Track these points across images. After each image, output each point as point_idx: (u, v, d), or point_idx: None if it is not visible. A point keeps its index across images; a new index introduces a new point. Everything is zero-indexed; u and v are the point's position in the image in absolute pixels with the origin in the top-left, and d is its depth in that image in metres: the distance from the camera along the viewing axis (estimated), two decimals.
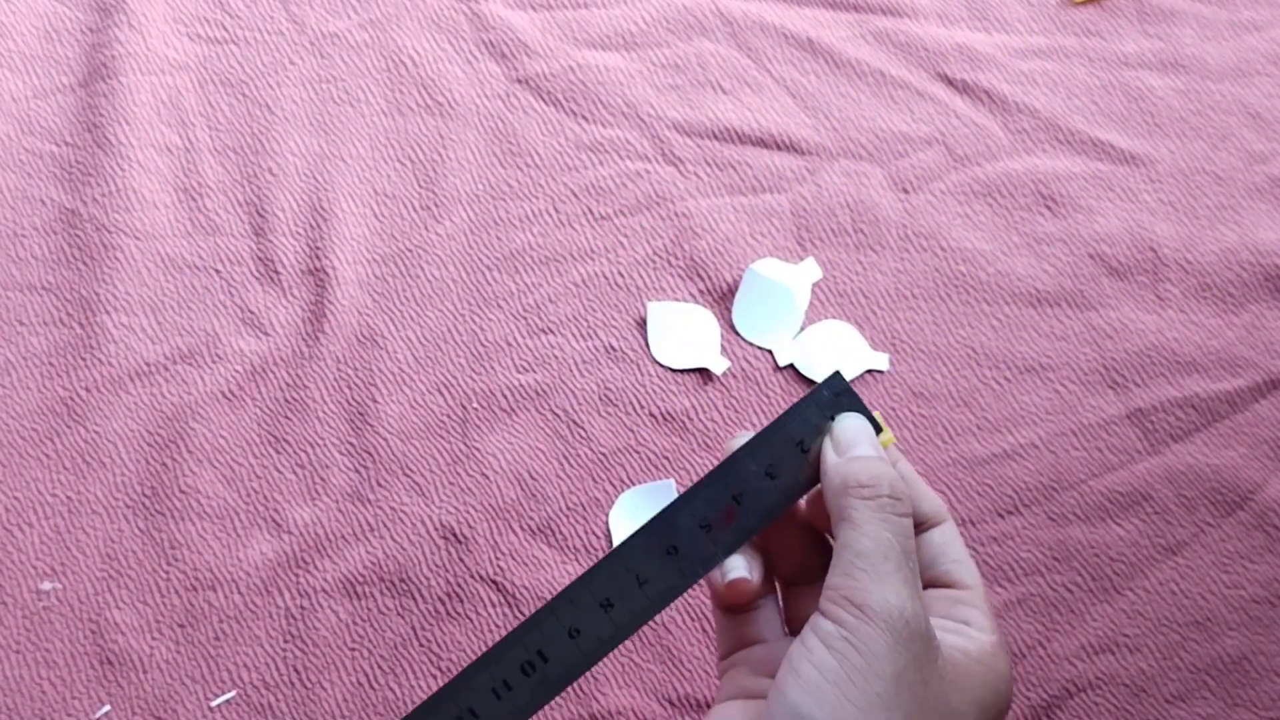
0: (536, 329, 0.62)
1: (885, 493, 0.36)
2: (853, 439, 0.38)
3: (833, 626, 0.34)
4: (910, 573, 0.35)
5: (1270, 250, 0.65)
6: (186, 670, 0.54)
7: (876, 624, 0.33)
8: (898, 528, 0.35)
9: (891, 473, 0.37)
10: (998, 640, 0.37)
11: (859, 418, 0.39)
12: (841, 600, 0.34)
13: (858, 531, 0.35)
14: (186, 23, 0.71)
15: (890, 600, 0.34)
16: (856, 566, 0.34)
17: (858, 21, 0.72)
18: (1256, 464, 0.59)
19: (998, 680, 0.36)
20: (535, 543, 0.57)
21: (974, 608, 0.38)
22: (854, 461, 0.37)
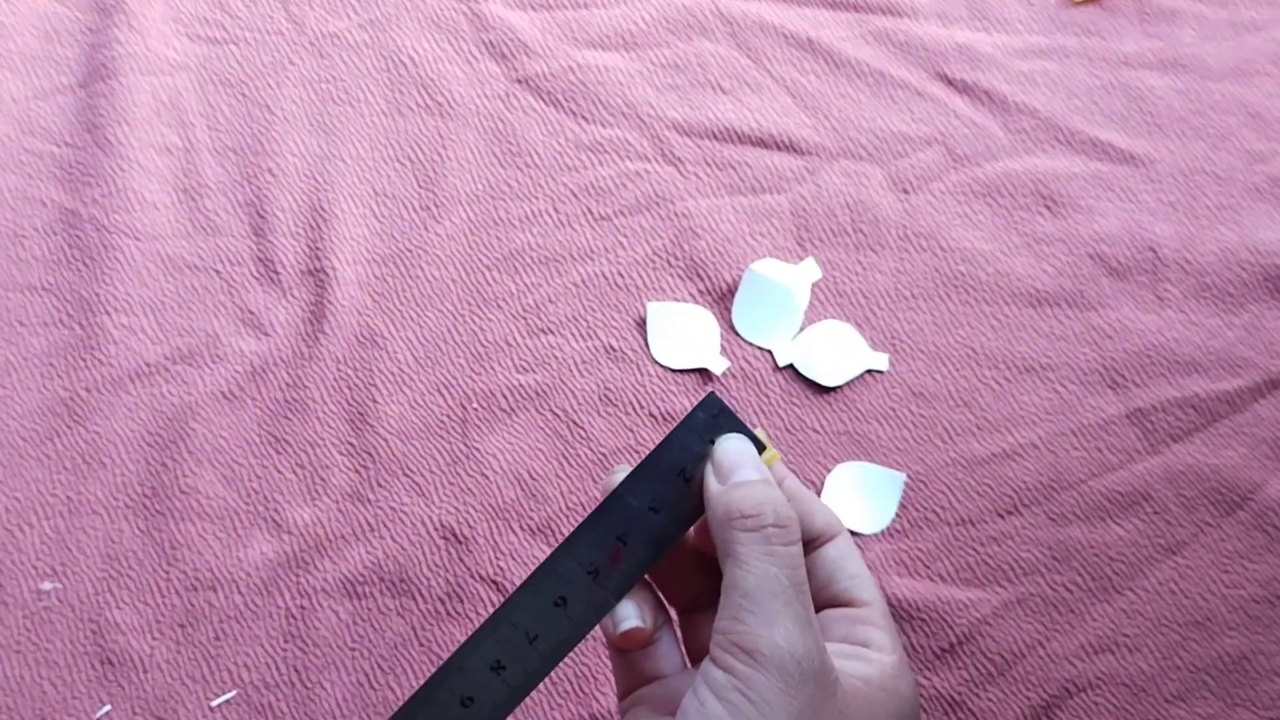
0: (536, 329, 0.62)
1: (769, 522, 0.34)
2: (734, 462, 0.36)
3: (723, 676, 0.33)
4: (801, 606, 0.33)
5: (1270, 250, 0.65)
6: (187, 670, 0.54)
7: (768, 670, 0.32)
8: (785, 559, 0.34)
9: (776, 496, 0.35)
10: (898, 659, 0.36)
11: (739, 439, 0.37)
12: (730, 646, 0.33)
13: (743, 569, 0.34)
14: (186, 23, 0.71)
15: (780, 643, 0.32)
16: (744, 608, 0.33)
17: (857, 21, 0.72)
18: (1256, 464, 0.59)
19: (901, 703, 0.35)
20: (535, 543, 0.57)
21: (873, 626, 0.37)
22: (736, 490, 0.35)
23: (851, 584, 0.38)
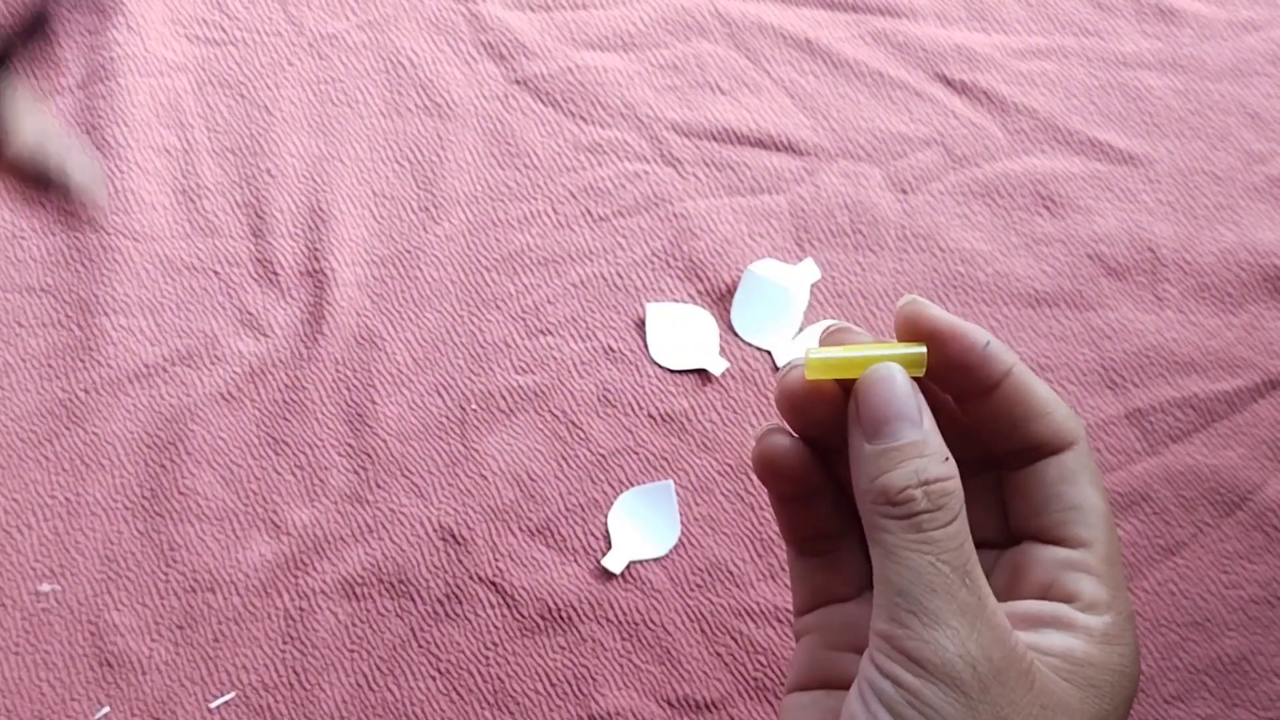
0: (535, 330, 0.62)
1: (921, 508, 0.29)
2: (883, 414, 0.29)
3: (891, 688, 0.28)
4: (970, 594, 0.28)
5: (1269, 250, 0.65)
6: (185, 672, 0.54)
7: (940, 683, 0.28)
8: (942, 543, 0.28)
9: (935, 464, 0.29)
10: (1112, 620, 0.30)
11: (891, 371, 0.30)
12: (893, 653, 0.28)
13: (893, 561, 0.29)
14: (185, 24, 0.71)
15: (949, 648, 0.28)
16: (900, 608, 0.28)
17: (856, 22, 0.72)
18: (1255, 464, 0.59)
19: (1115, 679, 0.30)
20: (534, 544, 0.57)
21: (1087, 574, 0.30)
22: (883, 459, 0.29)
23: (1068, 516, 0.31)
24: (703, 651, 0.55)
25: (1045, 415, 0.31)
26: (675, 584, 0.56)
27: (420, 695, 0.54)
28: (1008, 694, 0.28)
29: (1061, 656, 0.29)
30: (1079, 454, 0.32)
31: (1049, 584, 0.31)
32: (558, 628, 0.55)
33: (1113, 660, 0.30)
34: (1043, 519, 0.31)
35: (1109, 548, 0.31)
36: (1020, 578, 0.32)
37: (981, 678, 0.28)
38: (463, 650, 0.55)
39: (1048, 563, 0.31)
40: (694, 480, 0.59)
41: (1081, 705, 0.29)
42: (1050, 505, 0.31)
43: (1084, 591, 0.30)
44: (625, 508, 0.58)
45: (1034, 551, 0.31)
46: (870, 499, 0.30)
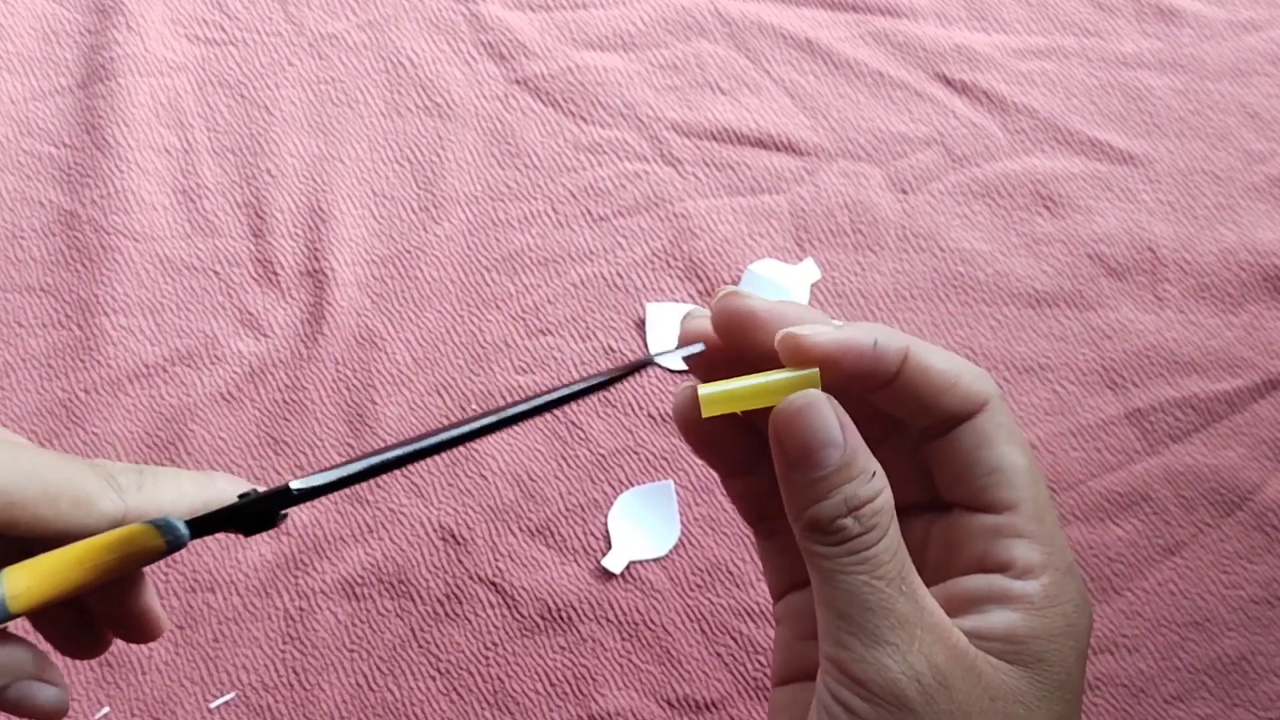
0: (535, 330, 0.62)
1: (854, 532, 0.28)
2: (804, 445, 0.29)
3: (843, 714, 0.28)
4: (905, 599, 0.28)
5: (1269, 250, 0.65)
6: (185, 672, 0.54)
7: (887, 705, 0.28)
8: (876, 560, 0.28)
9: (862, 484, 0.29)
10: (1050, 581, 0.29)
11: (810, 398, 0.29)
12: (841, 677, 0.28)
13: (829, 584, 0.29)
14: (185, 24, 0.71)
15: (891, 668, 0.28)
16: (842, 630, 0.28)
17: (856, 22, 0.72)
18: (1255, 464, 0.59)
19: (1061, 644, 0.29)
20: (534, 544, 0.57)
21: (1018, 538, 0.30)
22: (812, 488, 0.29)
23: (989, 481, 0.30)
24: (703, 651, 0.55)
25: (951, 386, 0.30)
26: (675, 584, 0.56)
27: (420, 695, 0.54)
28: (955, 696, 0.28)
29: (1004, 639, 0.29)
30: (991, 414, 0.31)
31: (982, 555, 0.30)
32: (558, 628, 0.55)
33: (1055, 624, 0.29)
34: (966, 486, 0.31)
35: (1036, 504, 0.30)
36: (954, 551, 0.31)
37: (927, 690, 0.28)
38: (463, 650, 0.55)
39: (977, 531, 0.31)
40: (694, 480, 0.59)
41: (1030, 685, 0.29)
42: (971, 472, 0.31)
43: (1017, 557, 0.30)
44: (625, 508, 0.58)
45: (964, 521, 0.31)
46: (802, 527, 0.29)
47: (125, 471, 0.33)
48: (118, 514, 0.32)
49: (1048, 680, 0.29)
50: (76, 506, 0.31)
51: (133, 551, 0.31)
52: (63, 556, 0.31)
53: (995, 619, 0.29)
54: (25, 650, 0.32)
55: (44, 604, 0.31)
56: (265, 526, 0.32)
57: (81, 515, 0.31)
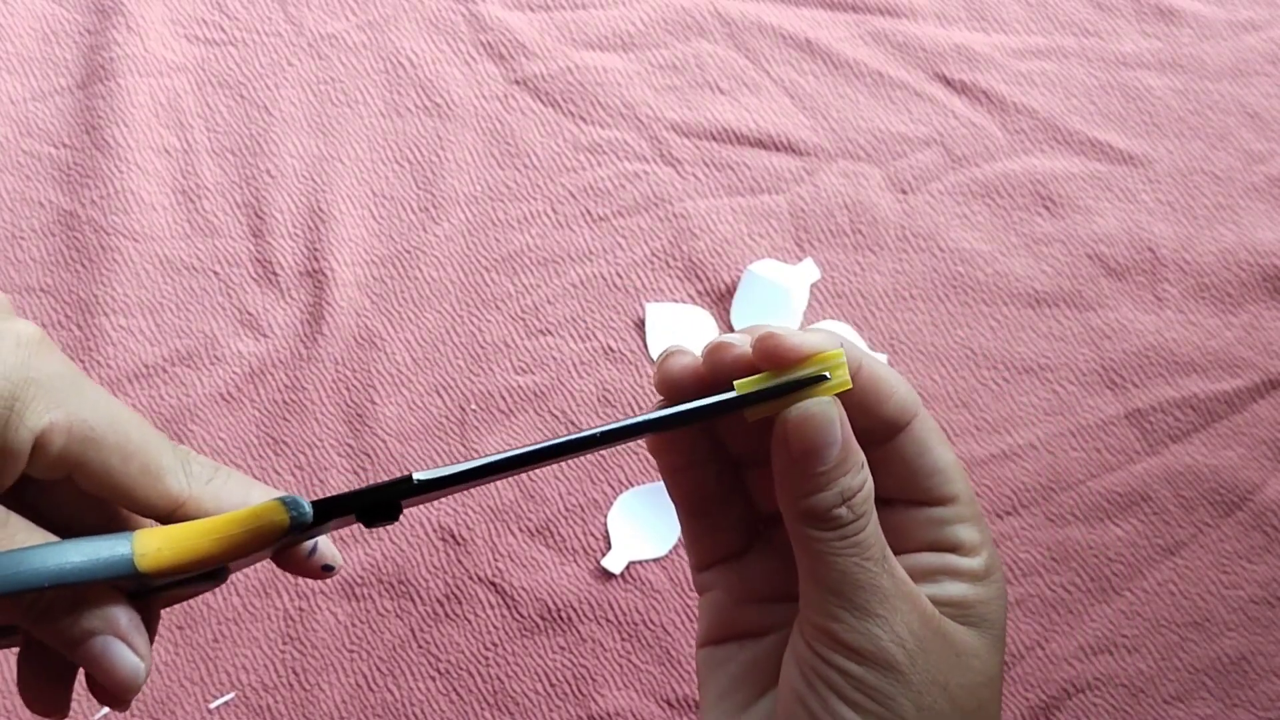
0: (535, 330, 0.62)
1: (847, 520, 0.32)
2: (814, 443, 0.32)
3: (837, 676, 0.32)
4: (889, 578, 0.32)
5: (1268, 250, 0.65)
6: (185, 672, 0.54)
7: (878, 668, 0.32)
8: (864, 544, 0.32)
9: (856, 476, 0.32)
10: (987, 556, 0.34)
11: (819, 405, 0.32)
12: (835, 645, 0.32)
13: (821, 564, 0.32)
14: (184, 24, 0.71)
15: (881, 637, 0.32)
16: (834, 605, 0.32)
17: (856, 22, 0.72)
18: (1255, 464, 0.59)
19: (998, 605, 0.34)
20: (534, 544, 0.57)
21: (959, 523, 0.34)
22: (813, 481, 0.32)
23: (933, 481, 0.34)
24: None
25: (891, 396, 0.34)
26: (675, 584, 0.56)
27: (420, 695, 0.54)
28: (930, 656, 0.32)
29: (958, 605, 0.34)
30: (923, 421, 0.35)
31: (933, 540, 0.35)
32: (558, 628, 0.55)
33: (992, 592, 0.34)
34: (912, 487, 0.35)
35: (969, 494, 0.35)
36: (905, 537, 0.35)
37: (910, 653, 0.32)
38: (463, 650, 0.55)
39: (924, 522, 0.35)
40: None
41: (979, 641, 0.34)
42: (916, 475, 0.35)
43: (963, 539, 0.34)
44: (625, 508, 0.58)
45: (910, 514, 0.35)
46: (798, 513, 0.33)
47: (201, 463, 0.34)
48: (182, 497, 0.33)
49: (991, 637, 0.34)
50: (145, 473, 0.32)
51: (260, 528, 0.32)
52: (193, 527, 0.32)
53: (950, 589, 0.34)
54: (125, 611, 0.32)
55: (172, 569, 0.31)
56: (386, 518, 0.32)
57: (147, 484, 0.32)
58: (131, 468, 0.32)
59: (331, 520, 0.32)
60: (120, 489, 0.32)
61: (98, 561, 0.30)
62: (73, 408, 0.31)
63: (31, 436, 0.31)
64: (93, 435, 0.31)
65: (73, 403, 0.31)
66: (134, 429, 0.32)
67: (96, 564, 0.30)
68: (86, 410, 0.31)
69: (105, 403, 0.32)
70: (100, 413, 0.32)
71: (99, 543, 0.30)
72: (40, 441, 0.31)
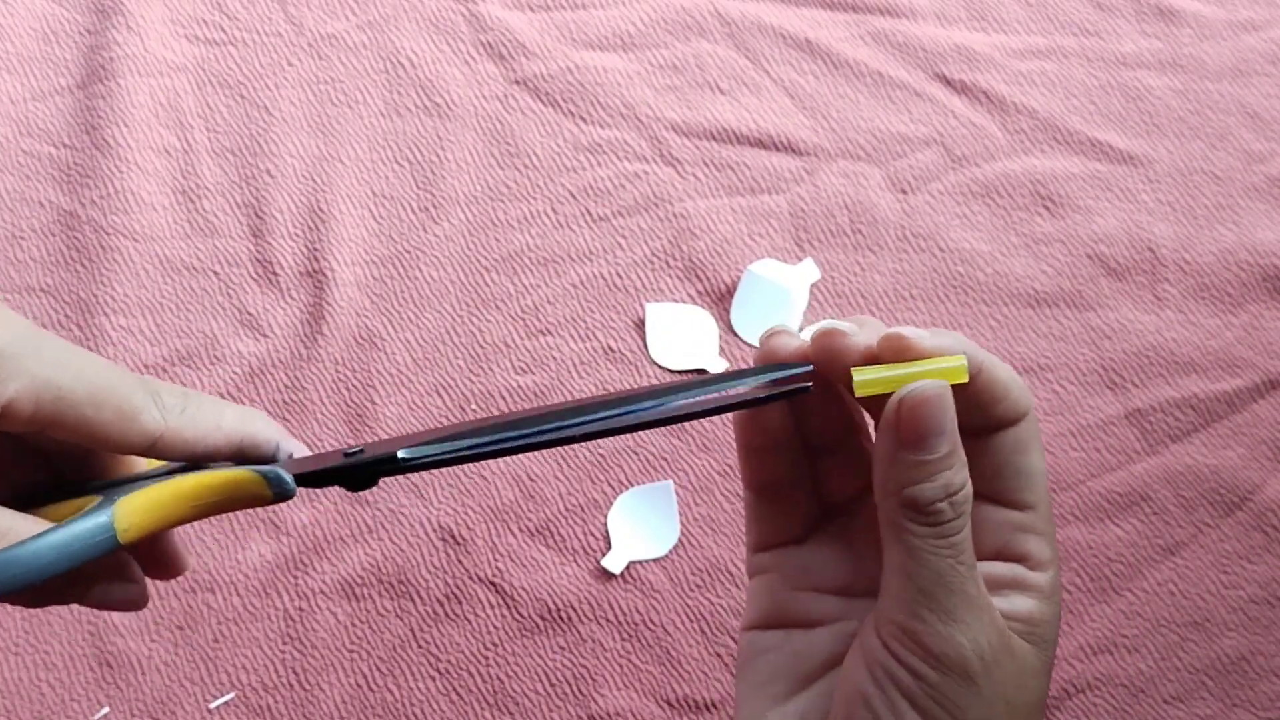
0: (535, 330, 0.62)
1: (948, 517, 0.32)
2: (923, 430, 0.32)
3: (911, 680, 0.31)
4: (975, 586, 0.32)
5: (1268, 250, 0.65)
6: (185, 672, 0.54)
7: (955, 675, 0.31)
8: (959, 546, 0.32)
9: (959, 474, 0.32)
10: (1054, 574, 0.34)
11: (937, 386, 0.32)
12: (914, 647, 0.32)
13: (915, 560, 0.32)
14: (184, 24, 0.71)
15: (965, 644, 0.31)
16: (919, 604, 0.31)
17: (856, 22, 0.72)
18: (1255, 464, 0.59)
19: (1056, 628, 0.34)
20: (534, 544, 0.57)
21: (1033, 534, 0.34)
22: (917, 469, 0.32)
23: (1019, 483, 0.34)
24: (703, 651, 0.55)
25: (1005, 397, 0.34)
26: (675, 584, 0.57)
27: (420, 695, 0.54)
28: (1001, 671, 0.32)
29: (1024, 620, 0.33)
30: (1030, 424, 0.35)
31: (1003, 545, 0.34)
32: (558, 628, 0.55)
33: (1055, 612, 0.34)
34: (997, 484, 0.34)
35: (1048, 508, 0.35)
36: (978, 537, 0.34)
37: (986, 664, 0.31)
38: (463, 650, 0.55)
39: (1000, 524, 0.34)
40: (694, 480, 0.59)
41: (1038, 661, 0.33)
42: (1004, 472, 0.34)
43: (1033, 551, 0.34)
44: (625, 508, 0.58)
45: (987, 512, 0.34)
46: (897, 502, 0.32)
47: (171, 393, 0.34)
48: (158, 432, 0.33)
49: (1046, 659, 0.33)
50: (120, 417, 0.32)
51: (239, 496, 0.32)
52: (171, 490, 0.32)
53: (1018, 603, 0.33)
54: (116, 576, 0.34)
55: (149, 536, 0.32)
56: (368, 485, 0.33)
57: (123, 426, 0.32)
58: (105, 414, 0.32)
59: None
60: (97, 436, 0.32)
61: (85, 547, 0.30)
62: (35, 371, 0.31)
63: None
64: (60, 393, 0.31)
65: (34, 366, 0.31)
66: (100, 377, 0.32)
67: (84, 549, 0.30)
68: (49, 370, 0.31)
69: (68, 357, 0.32)
70: (64, 370, 0.31)
71: (81, 527, 0.31)
72: (8, 411, 0.31)
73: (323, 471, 0.33)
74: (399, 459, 0.32)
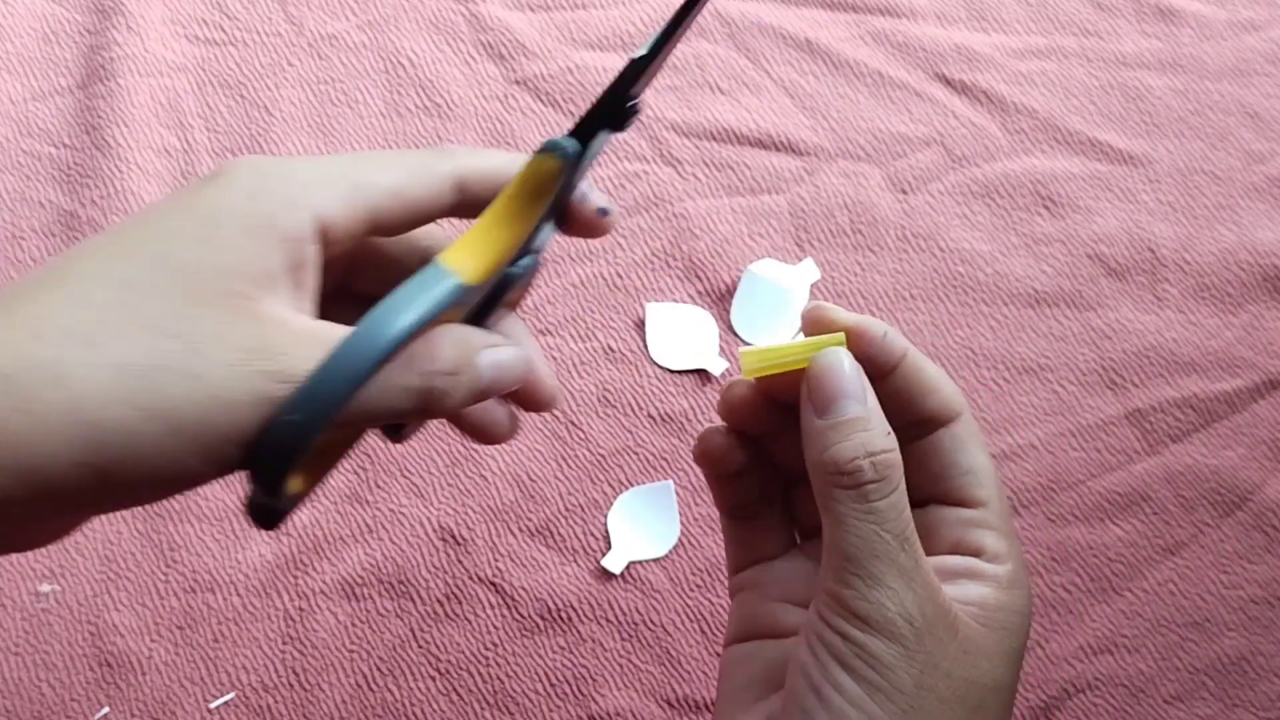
0: (535, 330, 0.62)
1: (869, 478, 0.33)
2: (831, 391, 0.33)
3: (839, 641, 0.32)
4: (908, 557, 0.32)
5: (1269, 250, 0.65)
6: (185, 672, 0.54)
7: (882, 636, 0.32)
8: (886, 513, 0.32)
9: (876, 439, 0.33)
10: (1013, 567, 0.35)
11: (838, 353, 0.34)
12: (841, 610, 0.32)
13: (842, 529, 0.33)
14: (185, 24, 0.71)
15: (889, 606, 0.32)
16: (848, 571, 0.32)
17: (856, 22, 0.72)
18: (1255, 464, 0.59)
19: (1016, 618, 0.34)
20: (534, 544, 0.57)
21: (987, 530, 0.35)
22: (831, 432, 0.33)
23: (965, 480, 0.35)
24: (703, 651, 0.55)
25: (935, 391, 0.35)
26: (675, 584, 0.57)
27: (420, 695, 0.54)
28: (937, 642, 0.32)
29: (977, 605, 0.34)
30: (965, 423, 0.36)
31: (956, 541, 0.35)
32: (558, 628, 0.55)
33: (1016, 602, 0.34)
34: (943, 484, 0.36)
35: (1001, 503, 0.36)
36: (931, 536, 0.36)
37: (917, 630, 0.32)
38: (463, 650, 0.55)
39: (953, 522, 0.35)
40: (694, 480, 0.59)
41: (996, 645, 0.34)
42: (949, 472, 0.36)
43: (987, 545, 0.35)
44: (625, 508, 0.58)
45: (939, 513, 0.36)
46: (822, 470, 0.33)
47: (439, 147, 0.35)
48: (458, 174, 0.33)
49: (1007, 646, 0.34)
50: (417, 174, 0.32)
51: (537, 184, 0.32)
52: (480, 225, 0.32)
53: (971, 590, 0.34)
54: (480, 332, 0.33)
55: (493, 269, 0.32)
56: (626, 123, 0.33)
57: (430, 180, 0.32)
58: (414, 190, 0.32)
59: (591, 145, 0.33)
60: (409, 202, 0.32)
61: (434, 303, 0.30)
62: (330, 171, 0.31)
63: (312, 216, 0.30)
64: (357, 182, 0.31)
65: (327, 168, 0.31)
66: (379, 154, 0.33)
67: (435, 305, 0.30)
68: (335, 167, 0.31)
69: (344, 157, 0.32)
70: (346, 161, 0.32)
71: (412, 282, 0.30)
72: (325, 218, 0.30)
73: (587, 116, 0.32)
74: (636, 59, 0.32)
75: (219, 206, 0.29)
